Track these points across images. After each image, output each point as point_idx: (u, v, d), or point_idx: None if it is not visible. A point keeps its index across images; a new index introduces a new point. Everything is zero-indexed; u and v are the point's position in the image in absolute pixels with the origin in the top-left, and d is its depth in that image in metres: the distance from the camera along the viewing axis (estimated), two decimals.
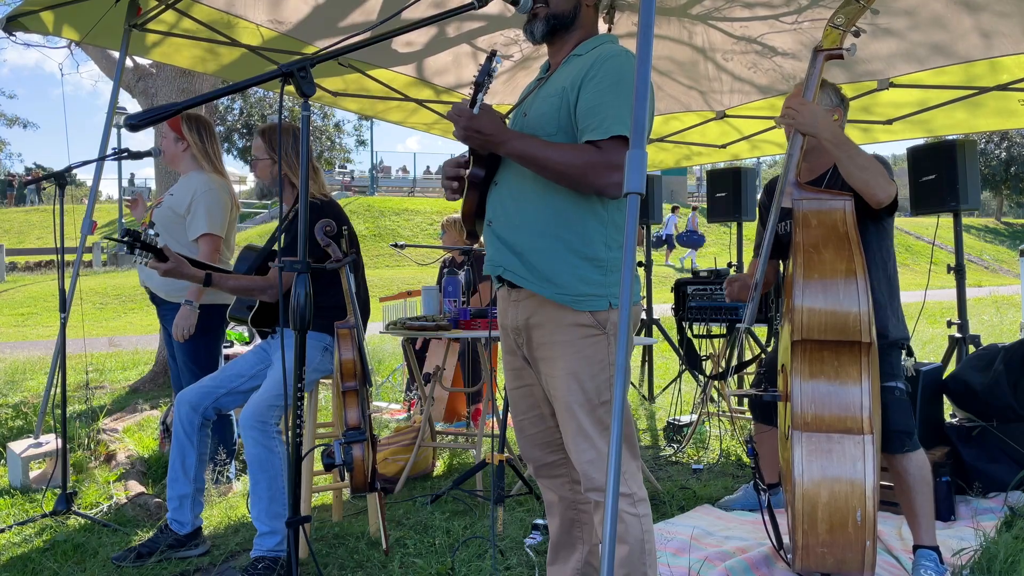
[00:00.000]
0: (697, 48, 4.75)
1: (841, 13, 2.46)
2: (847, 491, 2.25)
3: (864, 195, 2.44)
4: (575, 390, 1.94)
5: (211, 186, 3.51)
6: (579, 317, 1.94)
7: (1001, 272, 25.71)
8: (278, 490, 2.83)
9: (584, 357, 1.94)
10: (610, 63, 1.91)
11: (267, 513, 2.81)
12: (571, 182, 1.90)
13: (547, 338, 1.99)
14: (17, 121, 29.20)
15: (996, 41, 4.04)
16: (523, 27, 2.09)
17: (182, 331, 3.42)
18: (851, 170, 2.42)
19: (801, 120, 2.45)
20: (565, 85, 1.95)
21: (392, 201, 24.60)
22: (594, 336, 1.94)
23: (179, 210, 3.50)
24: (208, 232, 3.46)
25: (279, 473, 2.84)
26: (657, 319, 5.88)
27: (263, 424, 2.83)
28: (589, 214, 1.94)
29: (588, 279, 1.94)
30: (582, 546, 2.23)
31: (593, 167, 1.85)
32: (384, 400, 6.26)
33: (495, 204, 2.05)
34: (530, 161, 1.91)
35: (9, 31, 3.93)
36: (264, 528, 2.80)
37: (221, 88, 3.62)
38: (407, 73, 5.02)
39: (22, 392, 6.57)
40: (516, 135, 1.93)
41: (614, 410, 1.44)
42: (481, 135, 1.91)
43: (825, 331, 2.34)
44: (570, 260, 1.94)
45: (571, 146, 1.91)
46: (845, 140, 2.46)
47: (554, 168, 1.89)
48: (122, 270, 18.55)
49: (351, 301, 2.84)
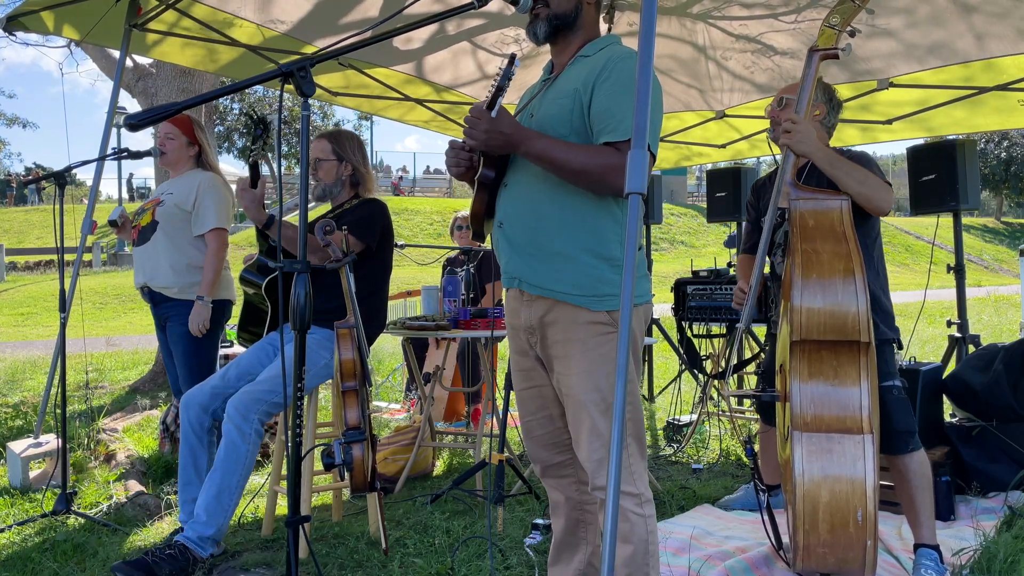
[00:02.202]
0: (697, 46, 4.75)
1: (836, 13, 2.47)
2: (848, 491, 2.25)
3: (867, 208, 2.50)
4: (590, 389, 1.94)
5: (215, 183, 3.59)
6: (596, 316, 1.94)
7: (1001, 272, 25.72)
8: (227, 488, 2.82)
9: (599, 355, 1.94)
10: (623, 64, 1.91)
11: (209, 504, 2.80)
12: (590, 183, 1.90)
13: (562, 336, 1.99)
14: (17, 121, 29.22)
15: (989, 43, 4.05)
16: (526, 28, 2.10)
17: (198, 326, 3.45)
18: (850, 185, 2.48)
19: (795, 140, 2.49)
20: (576, 87, 1.95)
21: (392, 201, 24.60)
22: (610, 334, 1.94)
23: (186, 207, 3.54)
24: (217, 226, 3.53)
25: (236, 472, 2.84)
26: (657, 319, 5.88)
27: (244, 417, 2.85)
28: (605, 214, 1.95)
29: (605, 278, 1.94)
30: (585, 547, 2.23)
31: (613, 168, 1.85)
32: (384, 400, 6.27)
33: (506, 206, 2.05)
34: (549, 162, 1.91)
35: (9, 31, 3.93)
36: (201, 516, 2.80)
37: (221, 88, 3.63)
38: (405, 71, 5.02)
39: (22, 392, 6.57)
40: (536, 135, 1.93)
41: (615, 410, 1.44)
42: (503, 135, 1.90)
43: (824, 331, 2.34)
44: (586, 260, 1.94)
45: (590, 147, 1.91)
46: (836, 159, 2.52)
47: (573, 169, 1.89)
48: (122, 270, 18.56)
49: (351, 301, 2.85)
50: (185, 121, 3.62)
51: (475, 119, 1.91)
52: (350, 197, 3.30)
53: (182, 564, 2.70)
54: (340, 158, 3.26)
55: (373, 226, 3.16)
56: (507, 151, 1.98)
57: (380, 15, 4.21)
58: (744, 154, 6.31)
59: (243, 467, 2.86)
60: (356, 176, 3.29)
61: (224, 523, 2.83)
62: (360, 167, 3.30)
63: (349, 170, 3.27)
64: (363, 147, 3.39)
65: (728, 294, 4.30)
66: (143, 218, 3.65)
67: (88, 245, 8.79)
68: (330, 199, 3.32)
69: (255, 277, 3.28)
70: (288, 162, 27.27)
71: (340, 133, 3.36)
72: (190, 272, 3.53)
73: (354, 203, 3.26)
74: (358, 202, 3.26)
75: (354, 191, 3.31)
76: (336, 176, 3.26)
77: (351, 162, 3.27)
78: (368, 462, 2.65)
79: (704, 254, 21.05)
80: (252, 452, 2.87)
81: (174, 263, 3.52)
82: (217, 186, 3.58)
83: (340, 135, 3.34)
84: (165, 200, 3.58)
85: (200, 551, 2.77)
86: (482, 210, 2.08)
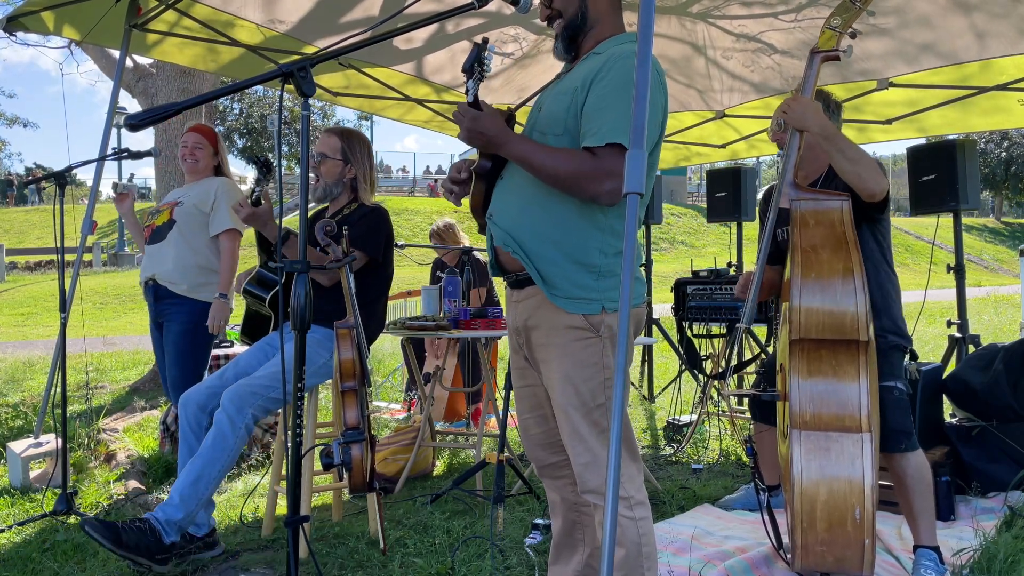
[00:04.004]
0: (696, 46, 4.75)
1: (838, 15, 2.46)
2: (846, 489, 2.26)
3: (857, 189, 2.42)
4: (570, 393, 1.94)
5: (230, 186, 3.72)
6: (572, 320, 1.93)
7: (1001, 272, 25.72)
8: (206, 476, 2.79)
9: (578, 360, 1.93)
10: (619, 64, 1.87)
11: (185, 489, 2.77)
12: (566, 188, 1.89)
13: (543, 340, 1.99)
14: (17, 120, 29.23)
15: (990, 42, 4.05)
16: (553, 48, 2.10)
17: (218, 323, 3.54)
18: (842, 164, 2.41)
19: (791, 114, 2.46)
20: (576, 85, 1.93)
21: (392, 201, 24.60)
22: (587, 339, 1.93)
23: (204, 208, 3.64)
24: (233, 227, 3.63)
25: (219, 462, 2.81)
26: (657, 319, 5.88)
27: (238, 409, 2.84)
28: (588, 221, 1.93)
29: (581, 283, 1.93)
30: (583, 548, 2.23)
31: (586, 175, 1.83)
32: (384, 400, 6.27)
33: (498, 199, 2.05)
34: (527, 165, 1.91)
35: (10, 31, 3.93)
36: (175, 499, 2.76)
37: (221, 88, 3.64)
38: (405, 71, 5.02)
39: (22, 392, 6.58)
40: (517, 138, 1.92)
41: (614, 413, 1.44)
42: (484, 136, 1.91)
43: (823, 330, 2.34)
44: (564, 264, 1.93)
45: (567, 152, 1.89)
46: (835, 133, 2.45)
47: (549, 173, 1.88)
48: (122, 270, 18.56)
49: (351, 301, 2.85)
50: (211, 133, 3.80)
51: (459, 117, 1.92)
52: (349, 201, 3.26)
53: (148, 541, 2.66)
54: (346, 160, 3.22)
55: (378, 238, 3.14)
56: (491, 151, 1.97)
57: (380, 15, 4.21)
58: (743, 154, 6.31)
59: (227, 459, 2.83)
60: (357, 180, 3.25)
61: (195, 510, 2.78)
62: (364, 172, 3.26)
63: (352, 173, 3.23)
64: (371, 152, 3.36)
65: (728, 294, 4.30)
66: (158, 218, 3.70)
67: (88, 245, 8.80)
68: (328, 200, 3.30)
69: (259, 291, 3.29)
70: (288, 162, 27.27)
71: (352, 134, 3.31)
72: (200, 272, 3.59)
73: (354, 208, 3.22)
74: (360, 209, 3.21)
75: (353, 195, 3.26)
76: (338, 177, 3.22)
77: (355, 166, 3.23)
78: (367, 462, 2.65)
79: (704, 254, 21.04)
80: (238, 446, 2.86)
81: (186, 261, 3.58)
82: (233, 190, 3.70)
83: (352, 136, 3.29)
84: (184, 201, 3.67)
85: (164, 535, 2.71)
86: (480, 201, 2.08)
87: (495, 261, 2.09)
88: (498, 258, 2.07)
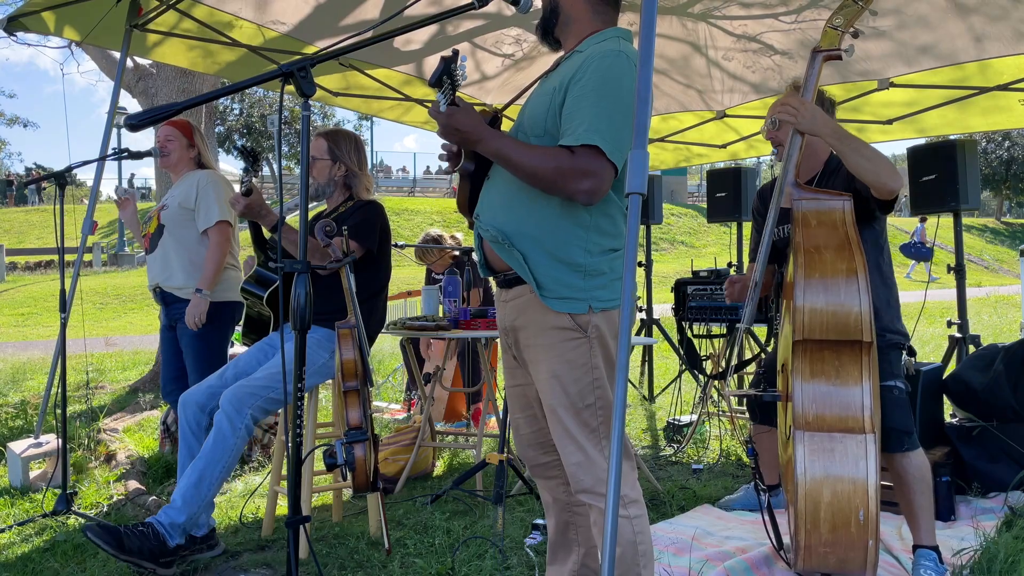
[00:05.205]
0: (696, 46, 4.75)
1: (840, 14, 2.46)
2: (849, 490, 2.25)
3: (874, 187, 2.41)
4: (558, 393, 1.94)
5: (213, 178, 3.63)
6: (560, 319, 1.92)
7: (1001, 272, 25.72)
8: (208, 478, 2.79)
9: (565, 360, 1.93)
10: (597, 64, 1.85)
11: (187, 492, 2.76)
12: (543, 185, 1.88)
13: (531, 340, 1.99)
14: (17, 120, 29.22)
15: (988, 44, 4.05)
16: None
17: (194, 319, 3.45)
18: (859, 163, 2.38)
19: (801, 119, 2.44)
20: (555, 85, 1.92)
21: (392, 201, 24.59)
22: (575, 339, 1.92)
23: (188, 205, 3.57)
24: (221, 219, 3.54)
25: (220, 463, 2.81)
26: (657, 319, 5.88)
27: (237, 410, 2.84)
28: (571, 219, 1.92)
29: (566, 283, 1.92)
30: (578, 548, 2.22)
31: (563, 173, 1.82)
32: (384, 400, 6.26)
33: (484, 200, 2.04)
34: (505, 162, 1.90)
35: (10, 31, 3.93)
36: (177, 502, 2.76)
37: (221, 88, 3.63)
38: (405, 71, 5.02)
39: (22, 392, 6.58)
40: (493, 134, 1.90)
41: (615, 414, 1.44)
42: (459, 132, 1.89)
43: (826, 331, 2.33)
44: (548, 263, 1.92)
45: (545, 149, 1.88)
46: (846, 134, 2.44)
47: (526, 170, 1.87)
48: (122, 270, 18.56)
49: (351, 301, 2.85)
50: (184, 124, 3.69)
51: (434, 113, 1.91)
52: (344, 199, 3.27)
53: (151, 545, 2.66)
54: (335, 158, 3.24)
55: (372, 229, 3.15)
56: (469, 148, 1.96)
57: (380, 16, 4.21)
58: (743, 154, 6.31)
59: (228, 459, 2.83)
60: (349, 177, 3.26)
61: (197, 513, 2.78)
62: (354, 168, 3.26)
63: (343, 171, 3.24)
64: (361, 148, 3.35)
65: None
66: (150, 225, 3.69)
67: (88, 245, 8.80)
68: (323, 199, 3.31)
69: (256, 289, 3.28)
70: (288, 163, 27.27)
71: (338, 133, 3.32)
72: (201, 271, 3.55)
73: (349, 205, 3.24)
74: (354, 205, 3.24)
75: (348, 192, 3.27)
76: (328, 176, 3.24)
77: (345, 163, 3.24)
78: (370, 462, 2.65)
79: (704, 254, 21.04)
80: (239, 446, 2.85)
81: (184, 264, 3.56)
82: (216, 180, 3.61)
83: (337, 135, 3.31)
84: (168, 204, 3.63)
85: (169, 538, 2.70)
86: (465, 201, 2.09)
87: (484, 260, 2.08)
88: (487, 257, 2.07)
